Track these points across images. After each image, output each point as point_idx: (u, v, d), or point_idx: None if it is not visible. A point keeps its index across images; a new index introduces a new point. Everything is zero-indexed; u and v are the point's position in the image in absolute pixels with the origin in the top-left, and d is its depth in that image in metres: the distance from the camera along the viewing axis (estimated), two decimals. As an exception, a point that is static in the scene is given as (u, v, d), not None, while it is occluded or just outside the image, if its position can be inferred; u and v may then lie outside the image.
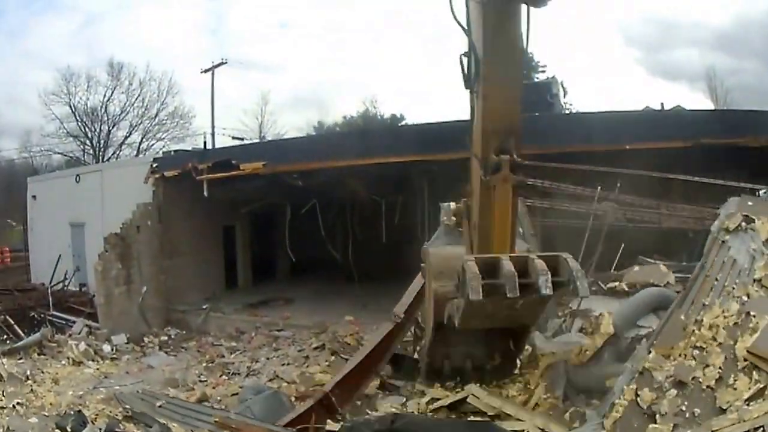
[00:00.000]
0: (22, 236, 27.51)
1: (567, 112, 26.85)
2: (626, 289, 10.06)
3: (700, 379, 6.33)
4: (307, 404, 8.01)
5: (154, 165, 18.78)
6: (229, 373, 12.51)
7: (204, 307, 17.98)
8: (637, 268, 10.64)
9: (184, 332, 17.15)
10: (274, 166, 16.50)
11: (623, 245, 11.08)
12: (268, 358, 13.41)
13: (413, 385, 8.64)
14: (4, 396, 9.91)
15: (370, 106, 53.88)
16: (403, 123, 41.98)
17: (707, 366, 6.42)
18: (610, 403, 6.50)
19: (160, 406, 8.55)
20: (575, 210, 11.50)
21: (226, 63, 40.85)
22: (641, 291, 9.36)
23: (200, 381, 11.91)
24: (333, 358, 12.03)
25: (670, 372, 6.50)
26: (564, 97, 24.88)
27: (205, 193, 17.41)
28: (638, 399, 6.34)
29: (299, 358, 12.88)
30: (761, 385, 6.01)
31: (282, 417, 7.87)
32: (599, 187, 11.52)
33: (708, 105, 38.96)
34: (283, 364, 12.61)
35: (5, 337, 15.12)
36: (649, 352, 6.82)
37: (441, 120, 17.58)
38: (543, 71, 43.25)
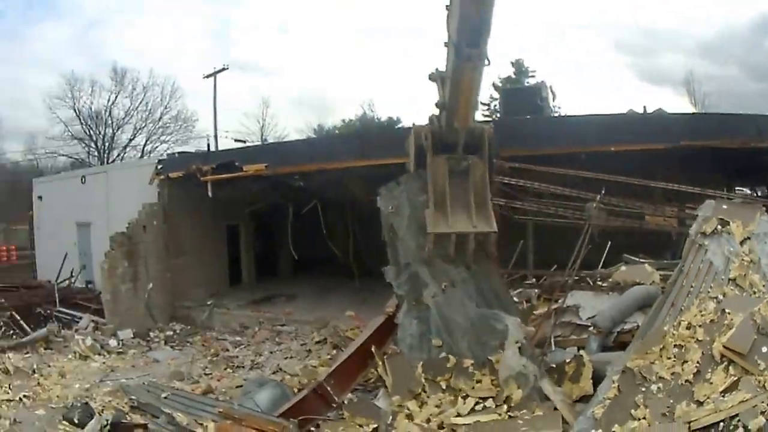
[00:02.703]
0: (27, 235, 27.73)
1: (556, 115, 27.22)
2: (612, 286, 10.33)
3: (680, 374, 6.62)
4: (301, 394, 8.24)
5: (159, 167, 18.97)
6: (233, 366, 12.69)
7: (208, 303, 18.23)
8: (623, 267, 10.92)
9: (189, 327, 17.36)
10: (276, 168, 16.79)
11: (609, 244, 11.24)
12: (271, 352, 13.62)
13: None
14: (10, 389, 10.00)
15: (368, 110, 54.42)
16: (399, 126, 42.33)
17: (686, 362, 6.74)
18: (597, 399, 6.81)
19: (165, 398, 8.69)
20: (563, 211, 11.70)
21: (227, 69, 41.54)
22: (630, 289, 9.66)
23: (205, 374, 12.07)
24: (335, 351, 12.19)
25: (650, 369, 6.80)
26: (553, 100, 25.17)
27: (209, 194, 17.73)
28: (621, 395, 6.64)
29: (302, 352, 13.12)
30: (735, 378, 6.30)
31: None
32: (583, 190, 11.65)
33: (688, 108, 40.04)
34: (285, 358, 12.85)
35: (12, 332, 15.23)
36: (632, 352, 7.16)
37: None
38: (533, 76, 45.61)
